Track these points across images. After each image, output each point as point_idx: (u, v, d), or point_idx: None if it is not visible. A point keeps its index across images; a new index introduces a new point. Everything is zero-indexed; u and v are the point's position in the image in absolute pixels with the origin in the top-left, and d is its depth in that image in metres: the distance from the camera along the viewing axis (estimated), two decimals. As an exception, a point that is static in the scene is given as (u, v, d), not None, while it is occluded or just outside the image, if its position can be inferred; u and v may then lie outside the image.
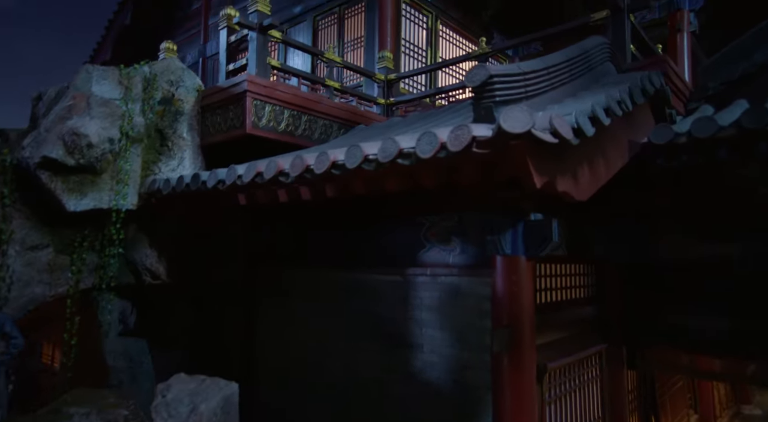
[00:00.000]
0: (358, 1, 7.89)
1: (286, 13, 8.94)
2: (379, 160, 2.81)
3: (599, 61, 4.03)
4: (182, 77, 5.13)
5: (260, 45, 5.20)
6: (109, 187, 4.27)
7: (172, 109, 5.02)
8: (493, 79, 2.66)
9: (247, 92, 4.77)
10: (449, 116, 4.35)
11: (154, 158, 4.84)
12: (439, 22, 8.46)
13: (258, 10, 5.20)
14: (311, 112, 5.37)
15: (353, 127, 5.80)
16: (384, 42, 7.34)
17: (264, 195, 3.69)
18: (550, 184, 2.54)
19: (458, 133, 2.47)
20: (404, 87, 7.54)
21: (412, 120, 5.02)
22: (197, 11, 11.22)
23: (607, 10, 4.85)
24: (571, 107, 2.93)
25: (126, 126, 4.35)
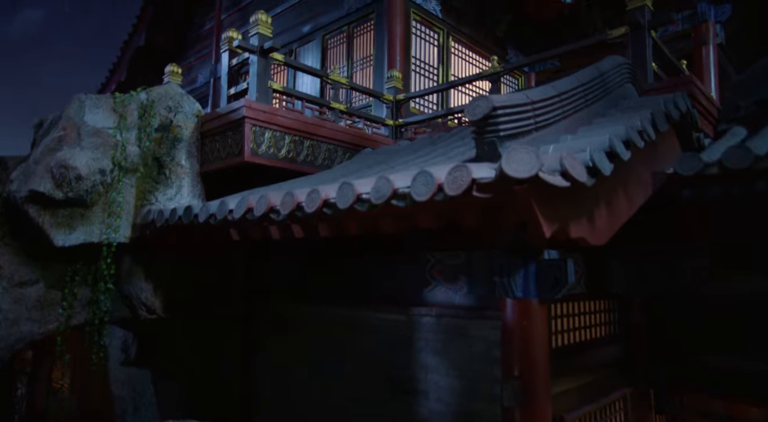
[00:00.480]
0: (367, 20, 7.72)
1: (295, 32, 8.83)
2: (371, 201, 2.55)
3: (618, 83, 3.72)
4: (181, 103, 4.97)
5: (261, 68, 5.02)
6: (101, 219, 4.09)
7: (170, 136, 4.85)
8: (497, 112, 2.38)
9: (246, 118, 4.58)
10: (457, 143, 4.07)
11: (151, 187, 4.67)
12: (450, 38, 8.23)
13: (259, 33, 5.04)
14: (314, 136, 5.16)
15: (359, 151, 5.57)
16: (393, 61, 7.14)
17: (256, 231, 3.46)
18: (562, 231, 2.24)
19: (456, 175, 2.19)
20: (415, 106, 7.30)
21: (420, 145, 4.76)
22: (209, 31, 11.23)
23: (626, 27, 4.54)
24: (585, 139, 2.64)
25: (119, 156, 4.19)
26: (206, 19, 11.45)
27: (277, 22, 9.33)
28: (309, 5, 8.73)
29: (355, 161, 5.02)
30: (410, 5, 7.48)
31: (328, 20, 8.25)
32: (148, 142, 4.67)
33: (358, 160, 5.03)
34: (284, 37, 8.98)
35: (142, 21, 11.60)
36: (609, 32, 4.63)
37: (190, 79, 11.58)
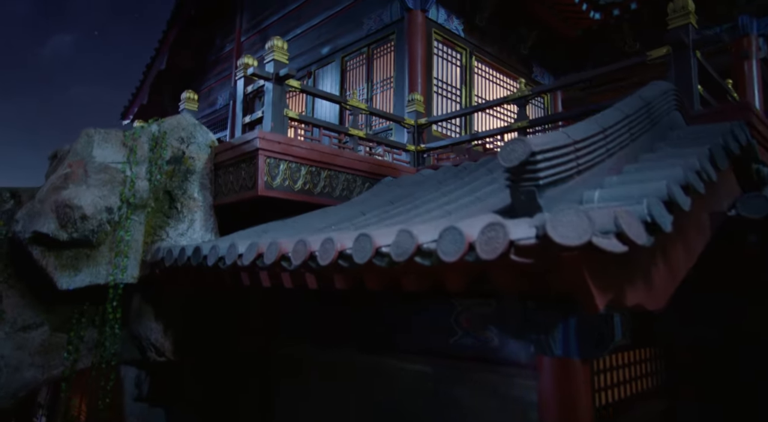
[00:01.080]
0: (387, 41, 7.51)
1: (314, 54, 8.68)
2: (392, 258, 2.25)
3: (664, 112, 3.36)
4: (194, 133, 4.79)
5: (277, 96, 4.81)
6: (107, 259, 3.89)
7: (182, 169, 4.66)
8: (535, 158, 2.07)
9: (259, 150, 4.36)
10: (485, 177, 3.75)
11: (162, 222, 4.46)
12: (473, 58, 7.95)
13: (275, 60, 4.84)
14: (332, 166, 4.91)
15: (379, 180, 5.29)
16: (414, 83, 6.88)
17: (268, 278, 3.19)
18: (616, 300, 1.90)
19: (491, 235, 1.88)
20: (437, 129, 7.02)
21: (444, 176, 4.45)
22: (229, 53, 11.21)
23: (668, 47, 4.18)
24: (637, 185, 2.29)
25: (127, 192, 4.00)
26: (226, 41, 11.45)
27: (296, 43, 9.22)
28: (328, 27, 8.58)
29: (375, 193, 4.74)
30: (431, 25, 7.24)
31: (347, 42, 8.07)
32: (159, 176, 4.49)
33: (378, 192, 4.74)
34: (303, 59, 8.85)
35: (165, 44, 11.67)
36: (648, 53, 4.28)
37: (210, 102, 11.56)
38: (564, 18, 8.17)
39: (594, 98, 10.03)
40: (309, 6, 9.08)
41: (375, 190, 4.88)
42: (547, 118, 5.19)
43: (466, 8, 7.82)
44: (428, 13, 7.11)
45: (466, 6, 7.82)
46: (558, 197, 2.24)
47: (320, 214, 4.31)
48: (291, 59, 9.18)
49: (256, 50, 10.33)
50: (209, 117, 11.55)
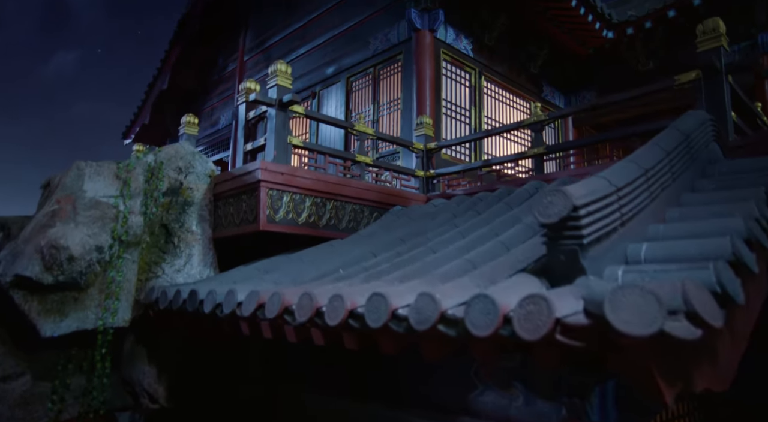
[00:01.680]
0: (394, 61, 7.29)
1: (318, 74, 8.48)
2: (411, 324, 1.95)
3: (703, 145, 3.08)
4: (192, 163, 4.53)
5: (280, 123, 4.56)
6: (97, 302, 3.60)
7: (180, 200, 4.40)
8: (578, 213, 1.78)
9: (261, 182, 4.09)
10: (503, 212, 3.46)
11: (157, 258, 4.18)
12: (483, 78, 7.72)
13: (278, 85, 4.59)
14: (338, 197, 4.63)
15: (388, 209, 5.01)
16: (422, 105, 6.64)
17: (269, 330, 2.89)
18: (684, 389, 1.59)
19: (531, 310, 1.58)
20: (446, 152, 6.76)
21: (458, 209, 4.16)
22: (232, 73, 11.04)
23: (697, 71, 3.91)
24: (689, 239, 2.00)
25: (120, 229, 3.72)
26: (229, 61, 11.29)
27: (300, 63, 9.03)
28: (333, 46, 8.39)
29: (385, 226, 4.45)
30: (440, 45, 7.02)
31: (352, 62, 7.86)
32: (155, 208, 4.22)
33: (387, 225, 4.45)
34: (307, 79, 8.65)
35: (167, 63, 11.51)
36: (676, 78, 4.01)
37: (213, 121, 11.37)
38: (575, 37, 7.95)
39: (602, 117, 9.78)
40: (313, 25, 8.90)
41: (384, 222, 4.59)
42: (565, 145, 4.92)
43: (474, 27, 7.62)
44: (437, 32, 6.90)
45: (474, 25, 7.62)
46: (601, 255, 1.95)
47: (327, 251, 4.02)
48: (295, 79, 8.98)
49: (259, 69, 10.16)
50: (211, 137, 11.35)
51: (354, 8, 8.09)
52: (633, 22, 7.50)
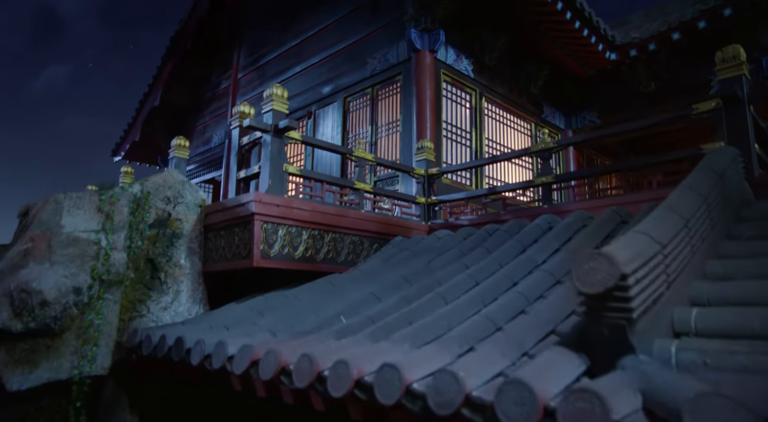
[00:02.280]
0: (393, 82, 7.08)
1: (314, 93, 8.26)
2: (430, 406, 1.68)
3: (735, 184, 2.86)
4: (181, 192, 4.25)
5: (275, 150, 4.30)
6: (73, 349, 3.29)
7: (168, 233, 4.11)
8: (627, 282, 1.52)
9: (255, 215, 3.82)
10: (522, 260, 3.20)
11: (142, 295, 3.88)
12: (483, 99, 7.53)
13: (274, 110, 4.35)
14: (337, 229, 4.37)
15: (388, 240, 4.75)
16: (423, 127, 6.42)
17: (264, 390, 2.59)
18: None
19: (581, 407, 1.32)
20: (447, 176, 6.53)
21: (466, 245, 3.90)
22: (225, 90, 10.81)
23: (717, 100, 3.72)
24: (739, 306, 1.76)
25: (100, 268, 3.42)
26: (222, 78, 11.06)
27: (296, 82, 8.81)
28: (330, 65, 8.19)
29: (387, 260, 4.18)
30: (440, 66, 6.84)
31: (350, 81, 7.66)
32: (141, 242, 3.92)
33: (389, 259, 4.18)
34: (302, 98, 8.43)
35: (159, 80, 11.26)
36: (695, 107, 3.81)
37: (205, 139, 11.10)
38: (578, 58, 7.81)
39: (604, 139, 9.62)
40: (309, 44, 8.71)
41: (385, 255, 4.32)
42: (575, 174, 4.69)
43: (475, 48, 7.45)
44: (437, 53, 6.72)
45: (475, 46, 7.45)
46: (648, 325, 1.70)
47: (326, 289, 3.73)
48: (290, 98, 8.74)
49: (253, 87, 9.94)
50: (204, 155, 11.07)
51: (351, 27, 7.91)
52: (636, 43, 7.37)
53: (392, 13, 7.16)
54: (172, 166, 5.75)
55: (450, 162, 6.82)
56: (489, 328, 2.18)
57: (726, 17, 6.64)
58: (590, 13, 6.72)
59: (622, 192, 4.35)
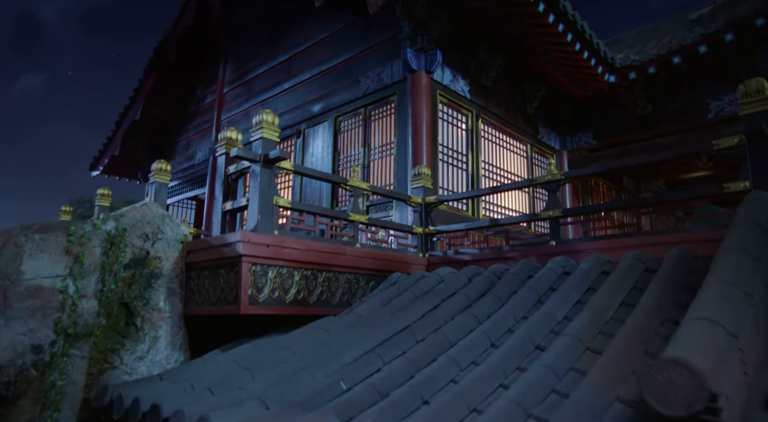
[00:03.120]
0: (387, 102, 6.80)
1: (304, 111, 7.93)
2: None
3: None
4: (161, 228, 3.88)
5: (264, 182, 3.96)
6: (29, 416, 2.88)
7: (145, 273, 3.73)
8: (718, 404, 1.22)
9: (243, 257, 3.46)
10: (540, 317, 2.91)
11: (115, 344, 3.49)
12: (480, 120, 7.29)
13: (264, 138, 4.01)
14: (331, 267, 4.04)
15: (386, 277, 4.43)
16: (419, 151, 6.13)
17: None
18: None
19: None
20: (443, 201, 6.25)
21: (472, 288, 3.59)
22: (210, 105, 10.43)
23: (740, 137, 3.50)
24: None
25: (66, 320, 3.04)
26: (208, 92, 10.68)
27: (284, 99, 8.49)
28: (320, 83, 7.88)
29: (385, 303, 3.84)
30: (436, 87, 6.58)
31: (341, 100, 7.35)
32: (115, 285, 3.54)
33: (388, 302, 3.85)
34: (291, 116, 8.10)
35: (141, 93, 10.83)
36: (715, 142, 3.58)
37: (189, 155, 10.68)
38: (575, 79, 7.64)
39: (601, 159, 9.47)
40: (299, 59, 8.40)
41: (384, 297, 3.98)
42: (583, 209, 4.44)
43: (471, 68, 7.22)
44: (433, 74, 6.46)
45: (471, 66, 7.22)
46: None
47: (321, 340, 3.38)
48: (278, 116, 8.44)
49: (239, 103, 9.59)
50: (187, 171, 10.64)
51: (343, 44, 7.63)
52: (636, 66, 7.22)
53: (386, 31, 6.90)
54: (152, 191, 5.37)
55: (446, 186, 6.54)
56: (519, 417, 1.86)
57: (727, 42, 6.52)
58: (591, 35, 6.54)
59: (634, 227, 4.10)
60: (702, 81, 7.62)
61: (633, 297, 2.79)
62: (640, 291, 2.84)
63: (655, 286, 2.65)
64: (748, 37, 6.59)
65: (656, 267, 3.09)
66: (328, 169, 7.31)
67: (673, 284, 2.65)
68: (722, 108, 7.49)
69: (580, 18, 6.23)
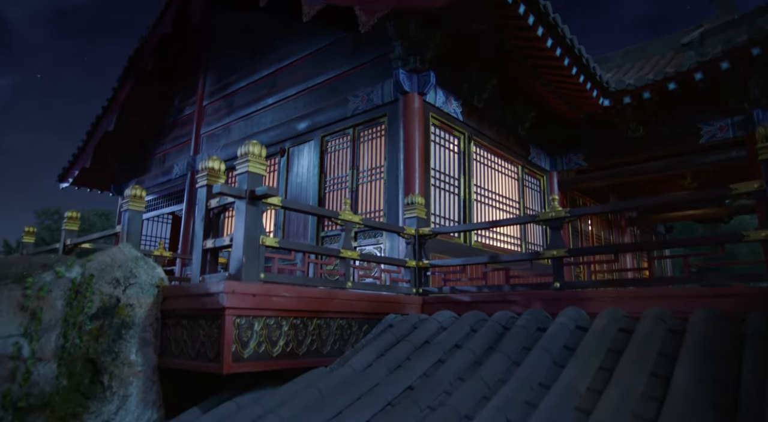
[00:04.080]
0: (377, 124, 6.52)
1: (289, 129, 7.59)
2: None
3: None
4: (134, 271, 3.50)
5: (250, 220, 3.62)
6: None
7: (115, 323, 3.34)
8: None
9: (227, 310, 3.11)
10: (556, 379, 2.64)
11: (78, 407, 3.09)
12: (472, 143, 7.07)
13: (249, 172, 3.67)
14: (323, 314, 3.71)
15: (379, 319, 4.12)
16: (411, 178, 5.86)
17: None
18: None
19: None
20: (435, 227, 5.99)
21: (476, 342, 3.31)
22: (189, 117, 9.99)
23: (760, 182, 3.31)
24: None
25: (17, 391, 2.65)
26: (186, 104, 10.23)
27: (268, 114, 8.15)
28: (306, 100, 7.56)
29: (381, 353, 3.52)
30: (429, 109, 6.33)
31: (328, 119, 7.04)
32: (79, 339, 3.15)
33: (384, 352, 3.53)
34: (275, 133, 7.74)
35: (115, 102, 10.29)
36: (734, 187, 3.39)
37: (165, 169, 10.18)
38: (569, 101, 7.48)
39: (590, 182, 9.37)
40: (284, 74, 8.07)
41: (380, 346, 3.66)
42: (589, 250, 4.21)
43: (464, 89, 7.00)
44: (426, 96, 6.20)
45: (464, 86, 7.01)
46: None
47: (312, 400, 3.03)
48: (261, 132, 8.07)
49: (220, 117, 9.18)
50: (163, 186, 10.15)
51: (331, 60, 7.33)
52: (631, 91, 7.10)
53: (377, 49, 6.63)
54: (125, 219, 4.96)
55: (438, 212, 6.28)
56: None
57: (722, 70, 6.44)
58: (587, 60, 6.38)
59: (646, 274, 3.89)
60: (693, 105, 7.56)
61: (663, 367, 2.55)
62: (668, 359, 2.61)
63: (689, 359, 2.41)
64: (742, 64, 6.53)
65: (680, 327, 2.87)
66: (314, 191, 6.98)
67: (708, 358, 2.42)
68: (714, 134, 7.44)
69: (577, 42, 6.06)
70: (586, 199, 10.43)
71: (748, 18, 7.74)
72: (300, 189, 7.24)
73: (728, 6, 9.81)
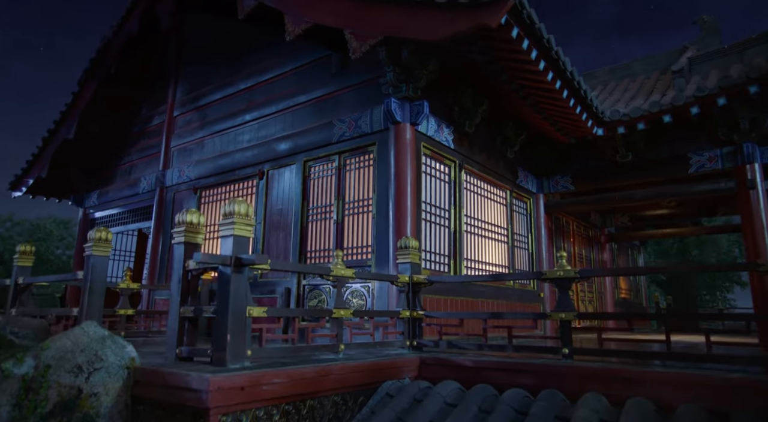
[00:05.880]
0: (365, 152, 6.14)
1: (268, 150, 7.12)
2: None
3: None
4: (100, 353, 3.05)
5: (237, 289, 3.21)
6: None
7: (76, 417, 2.89)
8: None
9: (211, 410, 2.71)
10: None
11: None
12: (463, 171, 6.77)
13: (235, 236, 3.26)
14: (316, 393, 3.34)
15: (375, 389, 3.79)
16: (402, 216, 5.52)
17: None
18: None
19: None
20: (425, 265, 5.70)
21: None
22: (157, 129, 9.34)
23: (788, 261, 3.12)
24: None
25: None
26: (155, 113, 9.56)
27: (244, 131, 7.67)
28: (288, 119, 7.10)
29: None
30: (421, 138, 5.98)
31: (312, 143, 6.60)
32: (34, 443, 2.69)
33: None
34: (252, 154, 7.26)
35: (75, 107, 9.50)
36: (761, 263, 3.19)
37: (132, 181, 9.50)
38: (561, 127, 7.27)
39: (577, 206, 9.25)
40: (263, 90, 7.56)
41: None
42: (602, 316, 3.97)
43: (455, 114, 6.69)
44: (419, 126, 5.86)
45: (455, 111, 6.70)
46: None
47: None
48: (238, 150, 7.55)
49: (192, 130, 8.59)
50: (128, 200, 9.48)
51: (314, 79, 6.88)
52: (625, 121, 6.94)
53: (365, 72, 6.23)
54: (88, 265, 4.44)
55: (428, 248, 5.97)
56: None
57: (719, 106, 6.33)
58: (585, 91, 6.16)
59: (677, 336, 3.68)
60: (683, 135, 7.48)
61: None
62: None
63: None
64: (737, 100, 6.44)
65: None
66: (296, 220, 6.55)
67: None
68: (703, 163, 7.37)
69: (577, 74, 5.82)
70: (570, 218, 10.33)
71: (736, 49, 7.68)
72: (281, 216, 6.80)
73: (712, 28, 9.82)
